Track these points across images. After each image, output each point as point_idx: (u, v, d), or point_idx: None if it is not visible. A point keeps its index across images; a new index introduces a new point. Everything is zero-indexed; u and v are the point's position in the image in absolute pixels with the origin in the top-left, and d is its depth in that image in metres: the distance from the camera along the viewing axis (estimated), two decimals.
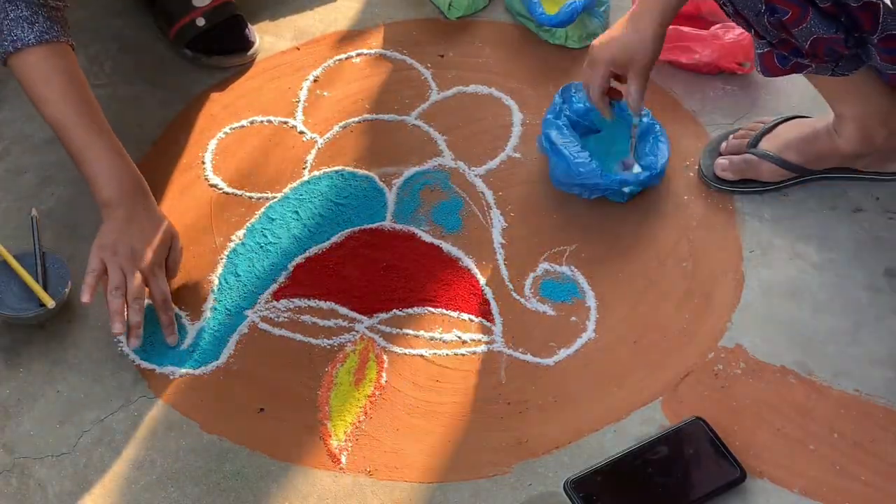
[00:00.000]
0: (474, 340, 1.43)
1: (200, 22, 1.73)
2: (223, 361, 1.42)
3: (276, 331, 1.45)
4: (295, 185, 1.60)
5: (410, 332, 1.44)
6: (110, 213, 1.41)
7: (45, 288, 1.43)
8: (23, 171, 1.62)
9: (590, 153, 1.53)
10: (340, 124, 1.68)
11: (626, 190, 1.53)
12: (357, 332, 1.44)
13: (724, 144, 1.58)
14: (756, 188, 1.55)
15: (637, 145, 1.56)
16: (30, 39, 1.37)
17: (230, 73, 1.75)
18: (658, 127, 1.57)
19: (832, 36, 1.28)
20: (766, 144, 1.55)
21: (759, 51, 1.38)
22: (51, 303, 1.40)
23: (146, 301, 1.43)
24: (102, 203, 1.42)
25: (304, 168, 1.62)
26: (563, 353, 1.42)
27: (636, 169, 1.55)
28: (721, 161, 1.55)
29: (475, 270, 1.50)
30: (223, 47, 1.74)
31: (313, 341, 1.43)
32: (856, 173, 1.55)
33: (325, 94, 1.72)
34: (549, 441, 1.34)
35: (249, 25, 1.77)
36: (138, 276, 1.38)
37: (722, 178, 1.56)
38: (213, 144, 1.66)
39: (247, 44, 1.75)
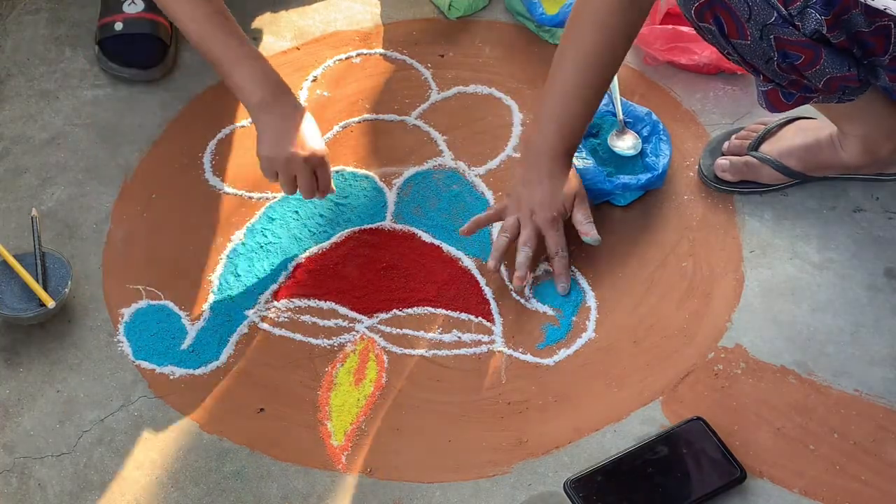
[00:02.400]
0: (474, 340, 1.43)
1: (118, 26, 1.71)
2: (223, 361, 1.42)
3: (277, 331, 1.45)
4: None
5: (410, 332, 1.44)
6: (264, 114, 1.43)
7: (45, 288, 1.43)
8: (23, 172, 1.62)
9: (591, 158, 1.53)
10: (340, 124, 1.68)
11: (627, 195, 1.54)
12: (357, 332, 1.44)
13: (725, 144, 1.57)
14: (756, 189, 1.55)
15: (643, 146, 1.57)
16: None
17: None
18: (661, 127, 1.57)
19: (846, 74, 1.27)
20: (767, 148, 1.54)
21: (762, 88, 1.37)
22: (51, 303, 1.40)
23: (144, 303, 1.44)
24: (257, 106, 1.44)
25: None
26: (563, 353, 1.42)
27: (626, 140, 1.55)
28: (721, 162, 1.55)
29: (475, 271, 1.50)
30: (124, 57, 1.71)
31: (313, 341, 1.43)
32: (856, 173, 1.54)
33: (325, 94, 1.72)
34: (549, 441, 1.34)
35: (169, 51, 1.73)
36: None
37: (722, 179, 1.55)
38: (213, 145, 1.66)
39: (147, 62, 1.71)
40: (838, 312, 1.44)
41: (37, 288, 1.42)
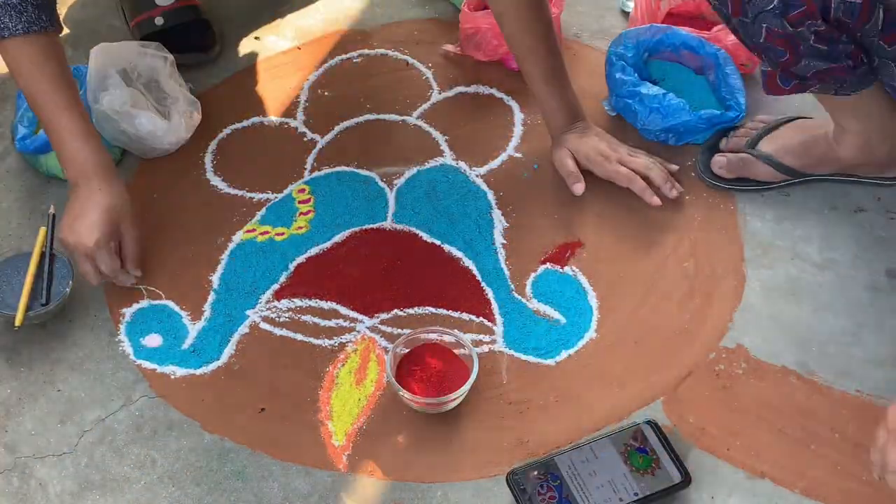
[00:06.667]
0: (476, 340, 1.43)
1: (159, 21, 1.73)
2: (224, 361, 1.42)
3: (278, 331, 1.45)
4: (295, 185, 1.60)
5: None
6: (72, 193, 1.42)
7: (49, 287, 1.43)
8: (23, 171, 1.62)
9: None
10: (341, 124, 1.68)
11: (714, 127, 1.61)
12: (358, 331, 1.44)
13: (724, 141, 1.58)
14: (752, 187, 1.55)
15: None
16: (17, 29, 1.37)
17: (231, 72, 1.75)
18: (721, 57, 1.63)
19: (832, 66, 1.30)
20: (765, 145, 1.54)
21: (763, 68, 1.38)
22: (19, 321, 1.40)
23: (146, 303, 1.44)
24: (70, 182, 1.43)
25: (304, 168, 1.62)
26: (564, 353, 1.42)
27: None
28: (718, 158, 1.55)
29: (476, 270, 1.50)
30: (178, 46, 1.72)
31: (314, 341, 1.43)
32: (855, 177, 1.54)
33: (326, 94, 1.72)
34: (550, 441, 1.33)
35: (214, 29, 1.76)
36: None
37: (718, 175, 1.56)
38: (213, 145, 1.66)
39: (203, 45, 1.75)
40: (840, 313, 1.44)
41: (23, 300, 1.41)
